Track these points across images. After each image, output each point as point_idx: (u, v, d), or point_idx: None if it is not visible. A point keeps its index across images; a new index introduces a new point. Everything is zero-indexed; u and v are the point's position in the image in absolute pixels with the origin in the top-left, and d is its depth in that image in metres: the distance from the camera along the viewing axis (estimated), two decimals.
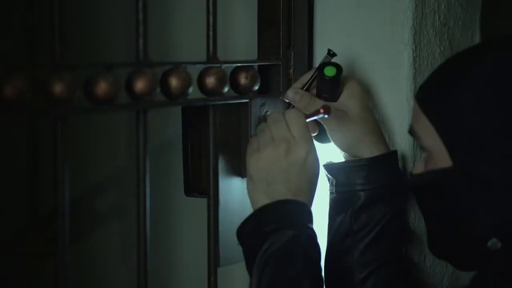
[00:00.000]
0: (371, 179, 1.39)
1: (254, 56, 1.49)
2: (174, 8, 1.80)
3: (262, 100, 1.44)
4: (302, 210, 1.28)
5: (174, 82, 1.23)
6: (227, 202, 1.40)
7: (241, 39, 1.69)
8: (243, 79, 1.38)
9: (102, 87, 1.12)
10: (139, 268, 1.21)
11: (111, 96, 1.13)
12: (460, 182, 1.17)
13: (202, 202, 1.40)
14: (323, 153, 1.43)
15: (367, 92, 1.48)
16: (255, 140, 1.33)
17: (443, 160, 1.18)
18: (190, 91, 1.26)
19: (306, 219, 1.28)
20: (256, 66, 1.44)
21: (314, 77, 1.42)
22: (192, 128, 1.45)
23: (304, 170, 1.29)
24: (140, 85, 1.18)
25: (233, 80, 1.37)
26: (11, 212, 1.70)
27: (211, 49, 1.30)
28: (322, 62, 1.41)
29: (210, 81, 1.30)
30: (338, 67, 1.39)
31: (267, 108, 1.45)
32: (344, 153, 1.43)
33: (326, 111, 1.32)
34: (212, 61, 1.30)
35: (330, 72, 1.39)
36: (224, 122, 1.41)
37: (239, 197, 1.36)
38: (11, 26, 1.67)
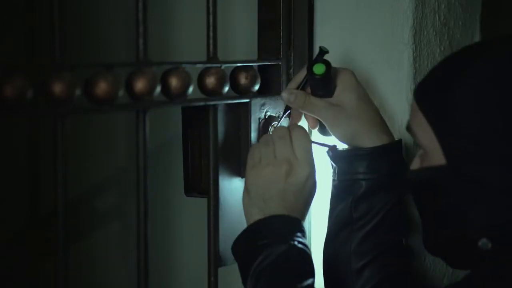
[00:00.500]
0: (373, 169, 1.39)
1: (254, 56, 1.49)
2: (174, 8, 1.80)
3: (262, 100, 1.44)
4: (296, 226, 1.29)
5: (174, 82, 1.23)
6: (227, 202, 1.40)
7: (241, 39, 1.69)
8: (243, 79, 1.38)
9: (102, 87, 1.12)
10: (139, 268, 1.21)
11: (111, 96, 1.13)
12: (453, 181, 1.16)
13: (202, 202, 1.40)
14: (330, 139, 1.43)
15: (365, 84, 1.47)
16: (257, 152, 1.33)
17: (438, 158, 1.18)
18: (190, 91, 1.26)
19: (299, 234, 1.28)
20: (256, 66, 1.44)
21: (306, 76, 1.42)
22: (192, 128, 1.45)
23: (302, 192, 1.31)
24: (140, 85, 1.18)
25: (233, 80, 1.37)
26: (11, 212, 1.69)
27: (211, 49, 1.30)
28: (310, 61, 1.42)
29: (210, 81, 1.30)
30: (327, 64, 1.38)
31: (267, 108, 1.45)
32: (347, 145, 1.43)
33: (333, 149, 1.40)
34: (212, 61, 1.30)
35: (319, 70, 1.38)
36: (224, 122, 1.41)
37: (239, 197, 1.36)
38: (11, 26, 1.67)
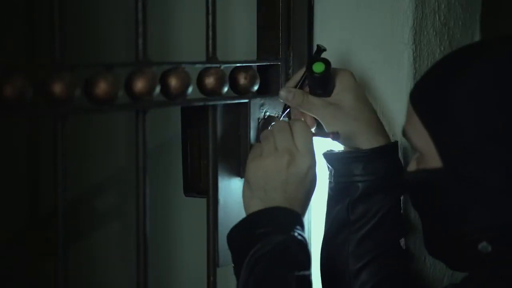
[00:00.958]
0: (369, 171, 1.38)
1: (254, 56, 1.49)
2: (174, 8, 1.80)
3: (262, 100, 1.44)
4: (295, 218, 1.28)
5: (173, 82, 1.23)
6: (226, 202, 1.40)
7: (240, 39, 1.69)
8: (242, 79, 1.38)
9: (102, 87, 1.13)
10: (139, 268, 1.21)
11: (111, 96, 1.14)
12: (450, 184, 1.15)
13: (202, 202, 1.40)
14: (325, 142, 1.43)
15: (365, 84, 1.47)
16: (259, 147, 1.33)
17: (434, 161, 1.17)
18: (189, 91, 1.26)
19: (298, 226, 1.28)
20: (255, 66, 1.44)
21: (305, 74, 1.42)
22: (192, 128, 1.45)
23: (303, 183, 1.30)
24: (139, 85, 1.18)
25: (232, 80, 1.37)
26: (11, 212, 1.69)
27: (211, 49, 1.30)
28: (310, 58, 1.41)
29: (210, 81, 1.30)
30: (327, 62, 1.38)
31: (266, 108, 1.45)
32: (344, 146, 1.43)
33: (335, 136, 1.36)
34: (212, 61, 1.30)
35: (318, 68, 1.38)
36: (223, 122, 1.41)
37: (239, 197, 1.36)
38: (11, 26, 1.67)
